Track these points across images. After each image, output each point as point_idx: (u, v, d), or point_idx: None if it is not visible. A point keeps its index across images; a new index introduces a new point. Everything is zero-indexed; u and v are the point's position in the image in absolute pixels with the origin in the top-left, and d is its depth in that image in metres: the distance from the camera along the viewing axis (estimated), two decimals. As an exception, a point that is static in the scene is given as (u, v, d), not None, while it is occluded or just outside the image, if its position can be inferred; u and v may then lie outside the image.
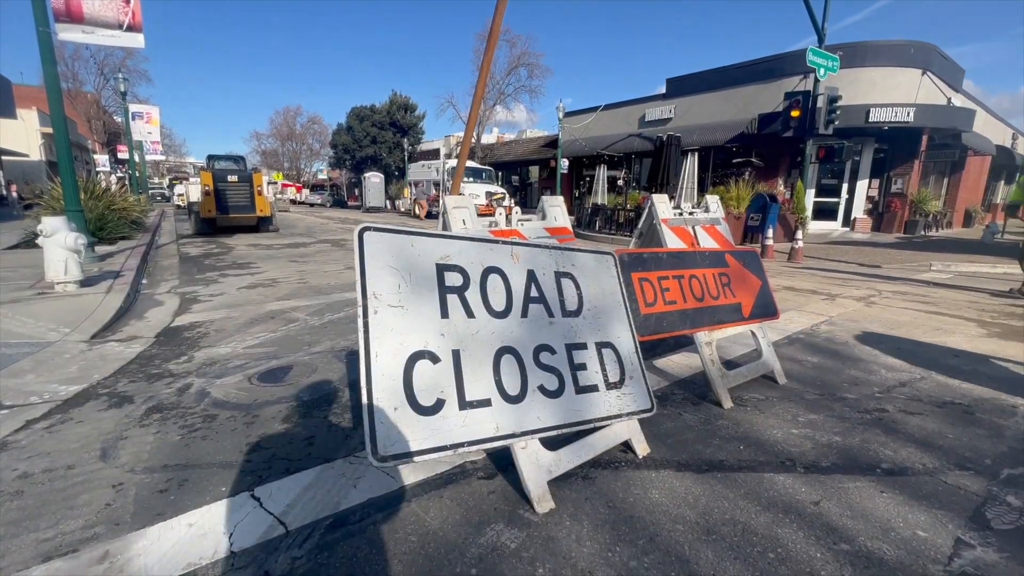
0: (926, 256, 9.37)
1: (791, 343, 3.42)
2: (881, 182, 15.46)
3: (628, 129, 20.14)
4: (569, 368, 1.82)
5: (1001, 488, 1.70)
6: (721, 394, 2.34)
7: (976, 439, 2.04)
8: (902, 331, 3.71)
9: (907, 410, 2.32)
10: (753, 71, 16.48)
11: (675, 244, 2.58)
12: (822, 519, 1.53)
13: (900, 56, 14.30)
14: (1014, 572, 1.31)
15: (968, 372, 2.83)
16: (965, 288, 5.80)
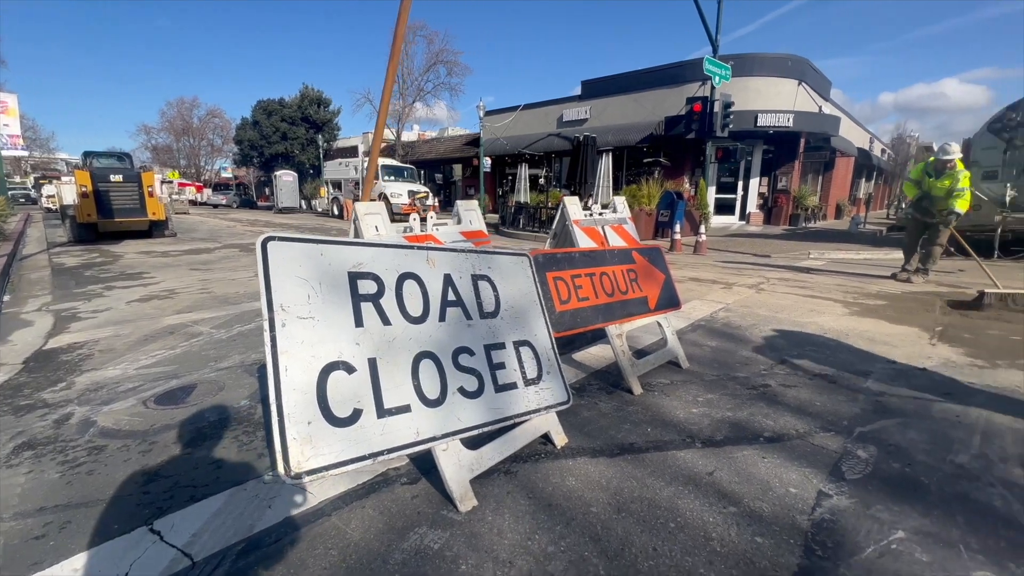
0: (806, 245, 10.63)
1: (694, 329, 3.76)
2: (769, 180, 17.27)
3: (548, 129, 20.66)
4: (488, 368, 1.88)
5: (854, 444, 2.01)
6: (632, 382, 2.53)
7: (837, 404, 2.39)
8: (784, 314, 4.22)
9: (786, 384, 2.66)
10: (659, 76, 17.60)
11: (587, 244, 2.73)
12: (715, 487, 1.73)
13: (779, 67, 16.00)
14: (859, 513, 1.57)
15: (832, 347, 3.29)
16: (833, 273, 6.69)
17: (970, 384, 2.65)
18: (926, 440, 2.04)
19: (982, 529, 1.49)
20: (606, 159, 12.87)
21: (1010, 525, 1.51)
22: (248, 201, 34.63)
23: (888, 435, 2.08)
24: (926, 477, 1.77)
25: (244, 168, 40.61)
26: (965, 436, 2.07)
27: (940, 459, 1.89)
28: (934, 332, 3.69)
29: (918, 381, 2.69)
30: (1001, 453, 1.94)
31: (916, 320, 4.05)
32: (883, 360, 3.04)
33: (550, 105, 21.17)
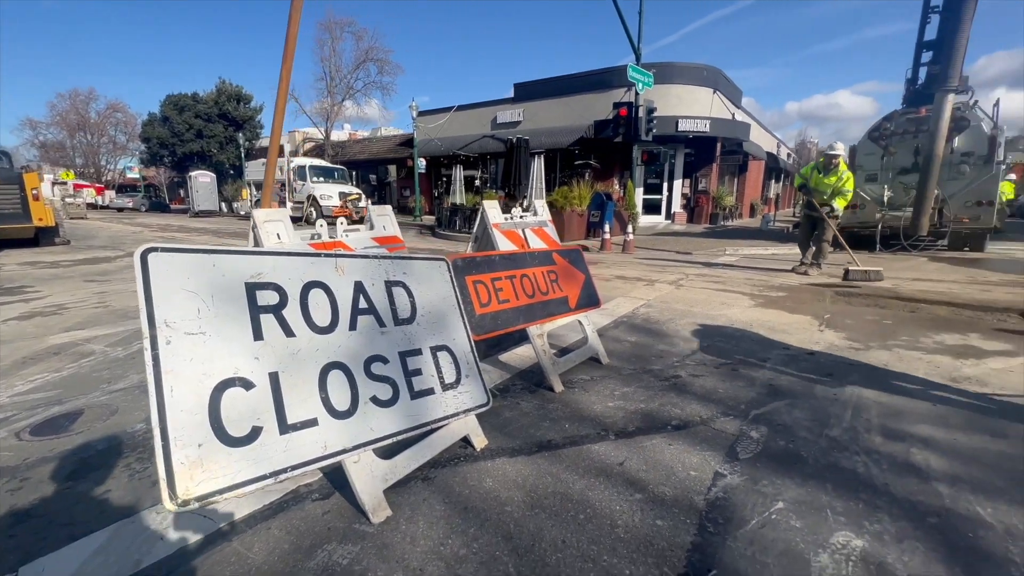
0: (723, 243, 11.45)
1: (617, 326, 3.93)
2: (691, 182, 18.39)
3: (482, 130, 20.70)
4: (404, 375, 1.86)
5: (748, 426, 2.20)
6: (553, 380, 2.60)
7: (737, 390, 2.61)
8: (698, 308, 4.52)
9: (695, 374, 2.85)
10: (589, 81, 18.18)
11: (507, 247, 2.78)
12: (624, 476, 1.82)
13: (696, 76, 17.09)
14: (748, 489, 1.73)
15: (737, 337, 3.58)
16: (744, 268, 7.27)
17: (848, 364, 2.99)
18: (808, 418, 2.27)
19: (846, 494, 1.69)
20: (539, 161, 13.12)
21: (869, 488, 1.72)
22: (159, 204, 31.80)
23: (777, 416, 2.30)
24: (805, 451, 1.98)
25: (154, 168, 37.17)
26: (839, 412, 2.33)
27: (818, 434, 2.12)
28: (823, 320, 4.11)
29: (806, 364, 2.99)
30: (867, 425, 2.20)
31: (809, 309, 4.50)
32: (780, 347, 3.35)
33: (484, 107, 21.23)
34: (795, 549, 1.43)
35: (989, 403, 2.42)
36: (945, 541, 1.45)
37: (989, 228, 9.32)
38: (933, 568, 1.35)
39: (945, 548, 1.42)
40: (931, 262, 8.18)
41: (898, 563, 1.37)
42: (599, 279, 6.24)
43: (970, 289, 5.51)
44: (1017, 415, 2.28)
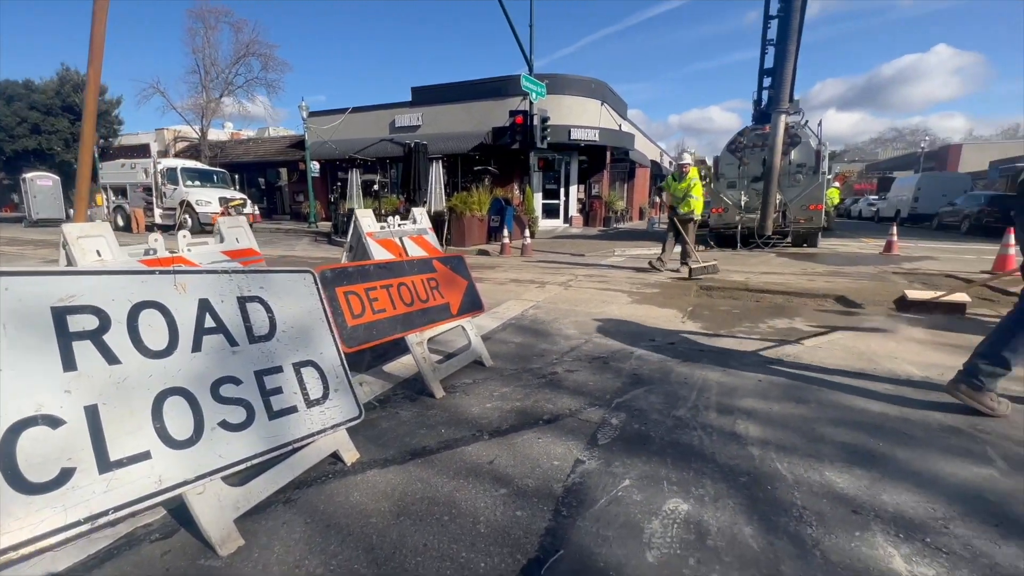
0: (614, 244, 12.32)
1: (505, 328, 4.07)
2: (585, 187, 19.51)
3: (380, 134, 20.11)
4: (261, 395, 1.77)
5: (610, 414, 2.42)
6: (433, 386, 2.63)
7: (605, 382, 2.84)
8: (582, 306, 4.84)
9: (570, 369, 3.06)
10: (486, 89, 18.49)
11: (382, 256, 2.76)
12: (493, 473, 1.91)
13: (586, 89, 18.17)
14: (601, 471, 1.91)
15: (612, 332, 3.90)
16: (628, 268, 7.91)
17: (700, 350, 3.40)
18: (661, 401, 2.56)
19: (681, 465, 1.94)
20: (437, 166, 13.07)
21: (700, 458, 1.99)
22: (-19, 212, 26.40)
23: (636, 402, 2.56)
24: (654, 432, 2.22)
25: (-28, 168, 30.74)
26: (687, 393, 2.65)
27: (667, 415, 2.39)
28: (687, 312, 4.63)
29: (667, 353, 3.35)
30: (707, 403, 2.53)
31: (676, 303, 5.03)
32: (647, 339, 3.71)
33: (382, 109, 20.65)
34: (633, 520, 1.61)
35: (799, 376, 2.90)
36: (750, 496, 1.73)
37: (820, 227, 11.10)
38: (737, 519, 1.60)
39: (749, 502, 1.69)
40: (778, 257, 9.54)
41: (712, 520, 1.60)
42: (495, 283, 6.40)
43: (802, 279, 6.53)
44: (818, 384, 2.76)
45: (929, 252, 10.25)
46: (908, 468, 1.88)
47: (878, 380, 2.80)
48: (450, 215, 11.37)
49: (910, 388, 2.68)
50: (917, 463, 1.92)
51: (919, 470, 1.87)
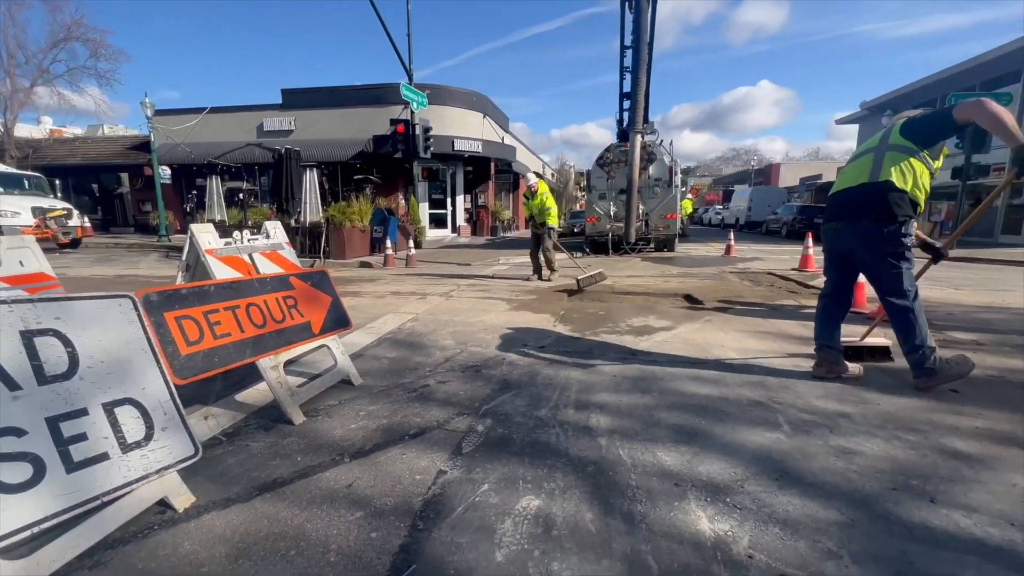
0: (499, 253, 12.66)
1: (380, 343, 3.96)
2: (472, 197, 19.82)
3: (246, 137, 18.37)
4: (55, 445, 1.51)
5: (477, 421, 2.48)
6: (291, 412, 2.47)
7: (476, 390, 2.91)
8: (461, 316, 4.90)
9: (442, 380, 3.08)
10: (367, 95, 17.89)
11: (226, 274, 2.53)
12: (350, 497, 1.84)
13: (468, 101, 18.51)
14: (462, 480, 1.95)
15: (488, 340, 4.01)
16: (511, 276, 8.19)
17: (567, 351, 3.64)
18: (526, 404, 2.69)
19: (538, 463, 2.06)
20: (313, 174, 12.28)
21: (555, 454, 2.13)
22: None
23: (503, 407, 2.66)
24: (516, 434, 2.33)
25: None
26: (550, 394, 2.83)
27: (530, 416, 2.52)
28: (559, 316, 4.93)
29: (537, 356, 3.53)
30: (567, 401, 2.72)
31: (550, 308, 5.33)
32: (520, 344, 3.87)
33: (247, 111, 18.91)
34: (487, 523, 1.67)
35: (647, 368, 3.26)
36: (594, 483, 1.90)
37: (676, 234, 12.58)
38: (581, 507, 1.75)
39: (593, 489, 1.86)
40: (642, 261, 10.61)
41: (559, 511, 1.73)
42: (374, 296, 6.19)
43: (659, 281, 7.35)
44: (661, 374, 3.13)
45: (758, 254, 12.19)
46: (721, 441, 2.22)
47: (707, 367, 3.26)
48: (328, 226, 10.75)
49: (730, 372, 3.16)
50: (728, 435, 2.27)
51: (729, 441, 2.21)
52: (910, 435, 2.23)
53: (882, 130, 2.82)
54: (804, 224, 17.69)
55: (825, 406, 2.57)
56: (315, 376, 3.06)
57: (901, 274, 2.65)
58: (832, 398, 2.67)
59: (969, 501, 1.73)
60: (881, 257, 2.67)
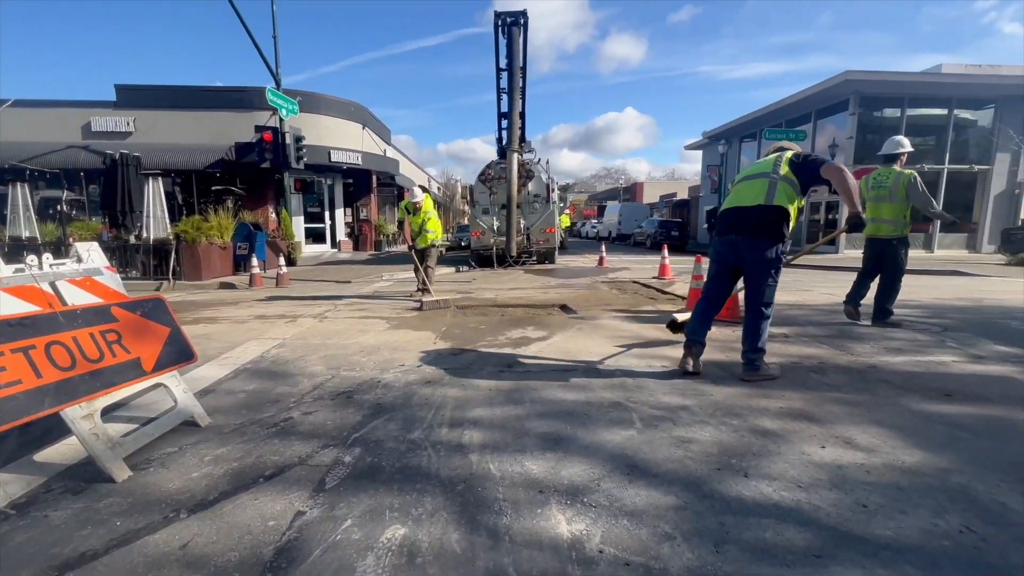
0: (383, 268, 12.24)
1: (237, 375, 3.56)
2: (353, 211, 18.94)
3: (69, 138, 15.55)
4: None
5: (344, 452, 2.35)
6: (112, 468, 2.09)
7: (346, 418, 2.75)
8: (336, 339, 4.63)
9: (308, 411, 2.86)
10: (226, 98, 16.22)
11: (17, 309, 2.08)
12: (185, 559, 1.61)
13: (346, 111, 17.75)
14: (323, 518, 1.81)
15: (363, 362, 3.83)
16: (393, 293, 7.95)
17: (445, 369, 3.63)
18: (399, 427, 2.61)
19: (407, 489, 2.00)
20: (157, 183, 10.71)
21: (425, 477, 2.10)
22: None
23: (374, 433, 2.55)
24: (386, 461, 2.25)
25: None
26: (425, 414, 2.78)
27: (402, 440, 2.46)
28: (440, 333, 4.90)
29: (414, 377, 3.46)
30: (441, 420, 2.70)
31: (432, 325, 5.28)
32: (397, 365, 3.76)
33: (71, 107, 16.03)
34: (346, 562, 1.57)
35: (521, 379, 3.38)
36: (463, 502, 1.90)
37: (556, 247, 13.33)
38: (448, 529, 1.74)
39: (461, 508, 1.86)
40: (525, 273, 11.04)
41: (425, 537, 1.70)
42: (235, 321, 5.57)
43: (539, 293, 7.71)
44: (534, 384, 3.27)
45: (626, 264, 13.44)
46: (583, 443, 2.38)
47: (576, 374, 3.48)
48: (178, 243, 9.43)
49: (596, 377, 3.41)
50: (590, 438, 2.44)
51: (590, 443, 2.38)
52: (733, 420, 2.61)
53: (770, 156, 3.33)
54: (664, 236, 19.97)
55: (671, 401, 2.91)
56: (148, 421, 2.64)
57: (774, 288, 3.20)
58: (677, 393, 3.03)
59: (771, 471, 2.07)
60: (767, 271, 3.13)
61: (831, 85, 16.24)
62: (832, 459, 2.17)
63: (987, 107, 17.36)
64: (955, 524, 1.69)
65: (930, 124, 17.43)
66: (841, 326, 4.97)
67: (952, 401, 2.85)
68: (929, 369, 3.48)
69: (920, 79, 16.42)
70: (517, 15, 10.33)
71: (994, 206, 17.51)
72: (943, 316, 5.43)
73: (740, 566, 1.50)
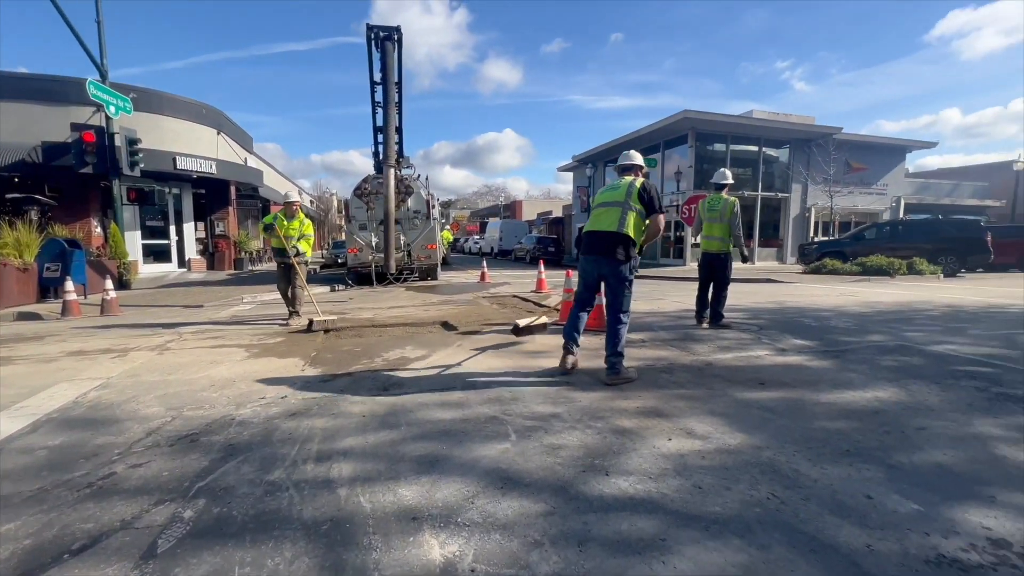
0: (245, 289, 10.99)
1: (36, 429, 2.88)
2: (207, 225, 16.77)
3: None
4: None
5: (185, 506, 2.02)
6: None
7: (188, 465, 2.39)
8: (179, 374, 4.01)
9: (139, 462, 2.42)
10: (31, 88, 13.43)
11: None
12: None
13: (196, 114, 15.81)
14: (150, 591, 1.55)
15: (214, 399, 3.38)
16: (256, 317, 7.18)
17: (313, 398, 3.36)
18: (256, 468, 2.34)
19: (261, 539, 1.80)
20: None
21: (286, 521, 1.90)
22: None
23: (225, 479, 2.25)
24: (238, 510, 2.00)
25: None
26: (288, 451, 2.54)
27: (259, 483, 2.21)
28: (310, 358, 4.54)
29: (276, 410, 3.14)
30: (307, 455, 2.49)
31: (301, 350, 4.87)
32: (257, 398, 3.39)
33: None
34: (181, 637, 1.36)
35: (397, 402, 3.28)
36: (329, 542, 1.76)
37: (438, 263, 13.28)
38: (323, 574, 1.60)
39: (326, 549, 1.72)
40: (406, 291, 10.79)
41: (281, 588, 1.54)
42: (37, 361, 4.55)
43: (420, 311, 7.58)
44: (411, 406, 3.19)
45: (507, 279, 13.89)
46: (459, 462, 2.38)
47: (454, 391, 3.48)
48: (-48, 265, 7.41)
49: (473, 392, 3.45)
50: (466, 456, 2.45)
51: (466, 461, 2.39)
52: (597, 423, 2.84)
53: (623, 183, 3.76)
54: (541, 252, 21.07)
55: (544, 410, 3.05)
56: None
57: (629, 299, 3.70)
58: (549, 402, 3.20)
59: (628, 467, 2.29)
60: (622, 283, 3.63)
61: (673, 121, 18.84)
62: (676, 449, 2.47)
63: (784, 147, 21.62)
64: (764, 492, 2.04)
65: (747, 158, 21.15)
66: (686, 329, 5.72)
67: (765, 388, 3.44)
68: (749, 363, 4.16)
69: (738, 120, 19.85)
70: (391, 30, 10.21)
71: (793, 226, 21.76)
72: (759, 317, 6.57)
73: (599, 561, 1.62)
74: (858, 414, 2.92)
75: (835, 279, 12.81)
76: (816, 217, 22.30)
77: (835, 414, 2.93)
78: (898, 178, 24.21)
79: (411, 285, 12.15)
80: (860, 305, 7.67)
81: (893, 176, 23.84)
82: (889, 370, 3.86)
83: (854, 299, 8.49)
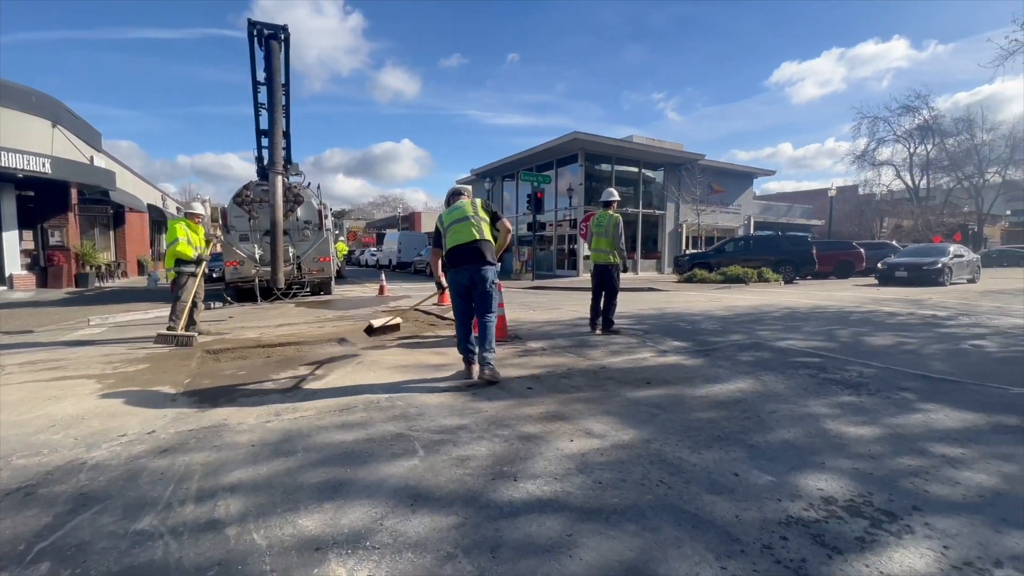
0: (91, 310, 9.36)
1: None
2: (37, 234, 14.01)
3: None
4: None
5: (22, 574, 1.68)
6: None
7: (24, 524, 1.98)
8: (4, 414, 3.30)
9: (-52, 529, 1.95)
10: None
11: None
12: None
13: (25, 103, 13.29)
14: None
15: (54, 442, 2.84)
16: (110, 341, 6.16)
17: (188, 432, 2.98)
18: (117, 519, 2.02)
19: (130, 597, 1.56)
20: None
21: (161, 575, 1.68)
22: None
23: (76, 535, 1.90)
24: (97, 568, 1.70)
25: None
26: (160, 492, 2.22)
27: (122, 535, 1.90)
28: (183, 385, 4.01)
29: (142, 448, 2.73)
30: (185, 495, 2.20)
31: (171, 377, 4.29)
32: (115, 435, 2.91)
33: None
34: None
35: (293, 426, 3.05)
36: (216, 589, 1.59)
37: (331, 276, 12.53)
38: (194, 629, 1.42)
39: (214, 597, 1.55)
40: (296, 307, 10.03)
41: (160, 650, 1.35)
42: None
43: (314, 327, 7.10)
44: (308, 429, 2.98)
45: (407, 292, 13.57)
46: (365, 484, 2.28)
47: (355, 411, 3.33)
48: None
49: (377, 410, 3.33)
50: (372, 476, 2.36)
51: (372, 482, 2.30)
52: (504, 431, 2.91)
53: (465, 202, 4.15)
54: (442, 264, 20.93)
55: (451, 423, 3.05)
56: None
57: (496, 299, 4.04)
58: (456, 414, 3.21)
59: (535, 471, 2.39)
60: (488, 287, 3.91)
61: (564, 141, 20.08)
62: (578, 449, 2.64)
63: (659, 169, 24.18)
64: (655, 480, 2.26)
65: (629, 178, 23.25)
66: (581, 336, 6.11)
67: (650, 387, 3.81)
68: (637, 364, 4.57)
69: (621, 144, 21.76)
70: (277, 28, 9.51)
71: (669, 240, 24.34)
72: (644, 322, 7.24)
73: (512, 564, 1.67)
74: (725, 404, 3.37)
75: (704, 287, 14.58)
76: (687, 232, 25.20)
77: (707, 405, 3.35)
78: (748, 199, 28.41)
79: (302, 301, 11.30)
80: (723, 309, 8.83)
81: (745, 197, 27.93)
82: (747, 364, 4.50)
83: (718, 304, 9.74)
